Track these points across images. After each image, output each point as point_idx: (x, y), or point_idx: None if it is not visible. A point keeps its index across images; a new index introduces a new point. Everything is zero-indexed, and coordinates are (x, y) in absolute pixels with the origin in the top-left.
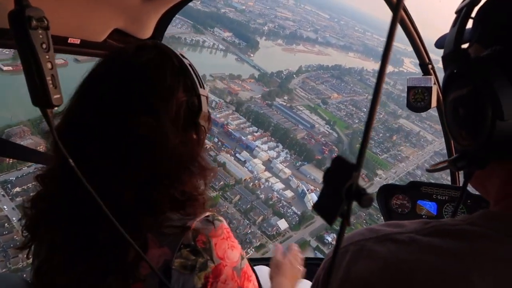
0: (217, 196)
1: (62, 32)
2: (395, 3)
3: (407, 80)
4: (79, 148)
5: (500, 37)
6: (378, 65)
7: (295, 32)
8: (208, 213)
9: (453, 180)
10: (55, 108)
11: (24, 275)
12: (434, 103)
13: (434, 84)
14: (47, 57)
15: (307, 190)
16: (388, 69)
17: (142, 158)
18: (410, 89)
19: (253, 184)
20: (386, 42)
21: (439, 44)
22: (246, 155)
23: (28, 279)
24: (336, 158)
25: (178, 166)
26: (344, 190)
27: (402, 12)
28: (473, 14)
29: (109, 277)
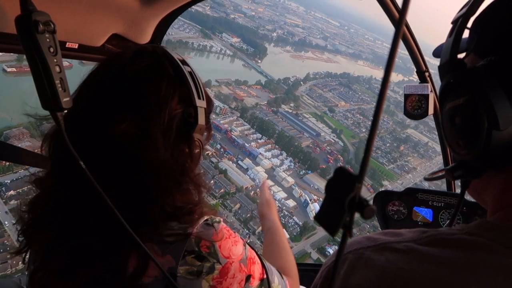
0: (217, 204)
1: (60, 37)
2: (398, 19)
3: (404, 88)
4: (68, 155)
5: (496, 48)
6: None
7: (304, 39)
8: (206, 217)
9: (449, 187)
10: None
11: (20, 279)
12: (431, 111)
13: (431, 92)
14: (55, 61)
15: (310, 200)
16: (398, 78)
17: (128, 171)
18: (407, 97)
19: (255, 193)
20: (388, 58)
21: (437, 54)
22: (249, 163)
23: (23, 285)
24: (339, 169)
25: (168, 180)
26: (347, 202)
27: (397, 15)
28: (469, 25)
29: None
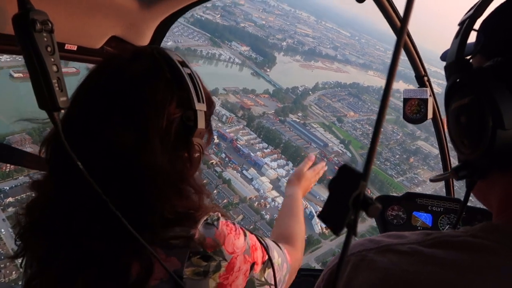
0: None
1: (59, 38)
2: (399, 28)
3: (403, 92)
4: (66, 159)
5: (503, 49)
6: (398, 85)
7: (314, 49)
8: (205, 216)
9: (448, 192)
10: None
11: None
12: (430, 115)
13: (430, 96)
14: (53, 60)
15: (316, 212)
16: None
17: (125, 175)
18: (407, 101)
19: (258, 204)
20: (391, 65)
21: (444, 57)
22: (254, 173)
23: None
24: (343, 167)
25: (165, 186)
26: (351, 199)
27: (399, 24)
28: (476, 26)
29: None
